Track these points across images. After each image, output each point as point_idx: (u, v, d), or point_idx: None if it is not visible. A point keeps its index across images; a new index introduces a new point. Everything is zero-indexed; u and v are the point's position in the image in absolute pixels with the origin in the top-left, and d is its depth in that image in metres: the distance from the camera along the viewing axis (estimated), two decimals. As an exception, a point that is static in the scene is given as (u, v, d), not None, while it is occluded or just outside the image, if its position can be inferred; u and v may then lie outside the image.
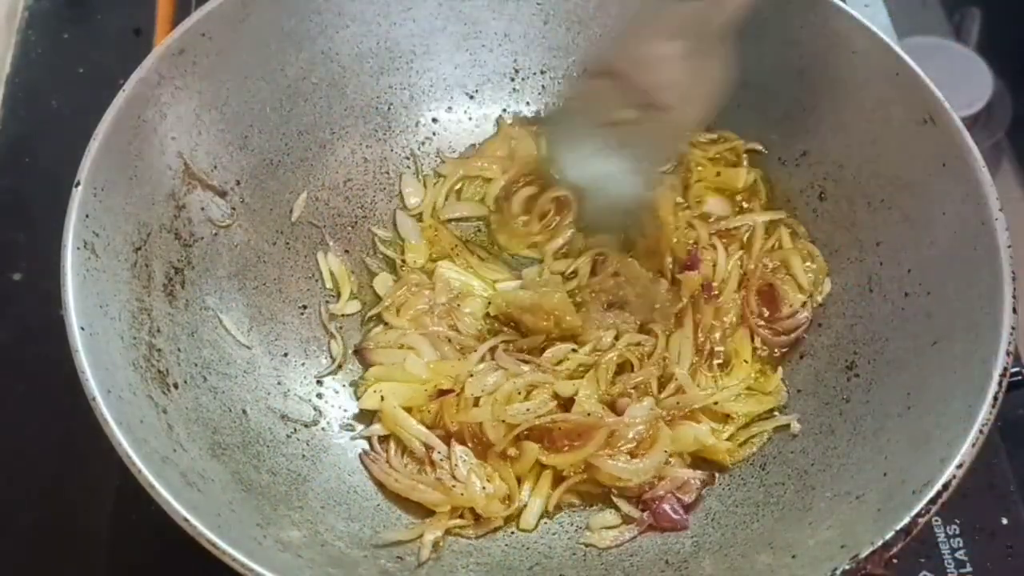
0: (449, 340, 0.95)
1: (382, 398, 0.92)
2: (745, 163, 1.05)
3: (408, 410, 0.92)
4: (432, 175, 1.08)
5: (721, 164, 1.05)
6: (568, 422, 0.89)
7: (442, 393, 0.91)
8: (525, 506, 0.88)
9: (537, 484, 0.89)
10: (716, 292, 0.98)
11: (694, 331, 0.96)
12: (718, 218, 1.03)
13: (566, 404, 0.92)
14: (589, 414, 0.89)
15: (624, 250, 1.02)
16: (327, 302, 1.00)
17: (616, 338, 0.96)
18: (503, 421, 0.89)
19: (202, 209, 0.93)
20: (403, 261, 1.03)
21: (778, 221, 1.02)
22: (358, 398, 0.94)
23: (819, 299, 0.97)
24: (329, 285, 1.00)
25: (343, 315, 0.99)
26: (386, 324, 0.98)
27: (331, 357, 0.97)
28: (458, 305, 0.98)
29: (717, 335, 0.97)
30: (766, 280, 0.99)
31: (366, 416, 0.93)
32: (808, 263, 0.99)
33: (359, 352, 0.96)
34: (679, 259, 0.99)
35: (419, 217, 1.06)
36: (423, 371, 0.93)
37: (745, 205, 1.04)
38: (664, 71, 0.93)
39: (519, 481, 0.89)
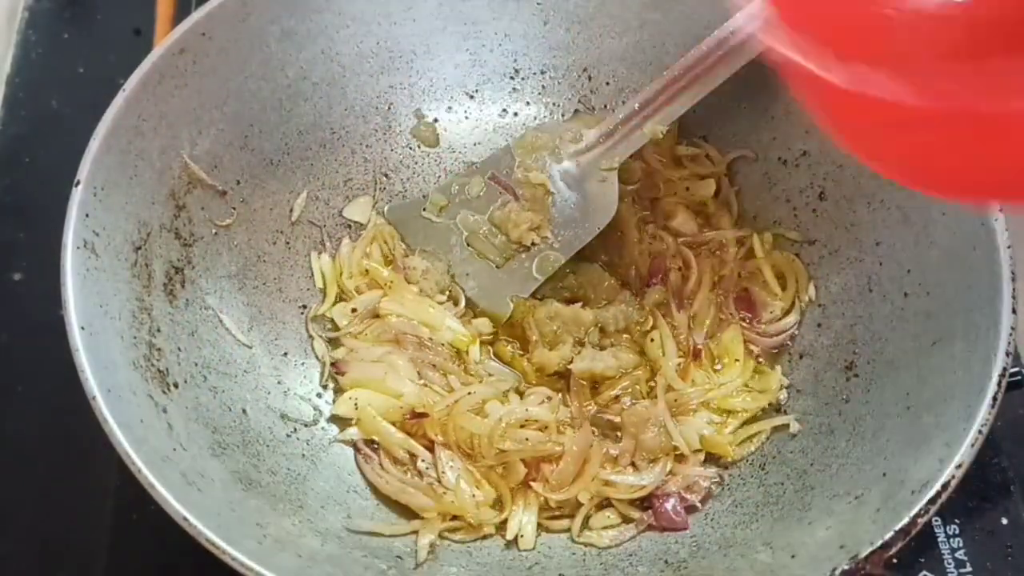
0: (434, 366, 0.94)
1: (356, 405, 0.91)
2: (725, 178, 1.05)
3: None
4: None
5: (692, 179, 1.06)
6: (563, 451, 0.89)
7: (416, 416, 0.91)
8: (521, 525, 0.87)
9: (528, 500, 0.88)
10: (689, 298, 0.98)
11: (673, 332, 0.96)
12: (686, 236, 1.03)
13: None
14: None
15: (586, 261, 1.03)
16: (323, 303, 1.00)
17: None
18: (498, 447, 0.88)
19: (202, 209, 0.93)
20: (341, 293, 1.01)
21: (751, 232, 1.03)
22: (333, 403, 0.94)
23: (803, 304, 0.98)
24: (320, 285, 1.00)
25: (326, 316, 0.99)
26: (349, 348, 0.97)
27: (318, 358, 0.96)
28: (430, 339, 0.96)
29: (700, 336, 0.97)
30: (741, 286, 1.00)
31: (350, 420, 0.93)
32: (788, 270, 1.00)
33: (335, 364, 0.95)
34: (642, 273, 1.00)
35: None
36: (403, 387, 0.92)
37: (712, 223, 1.04)
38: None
39: (511, 493, 0.89)
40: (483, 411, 0.91)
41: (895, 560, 0.72)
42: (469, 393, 0.92)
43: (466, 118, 1.10)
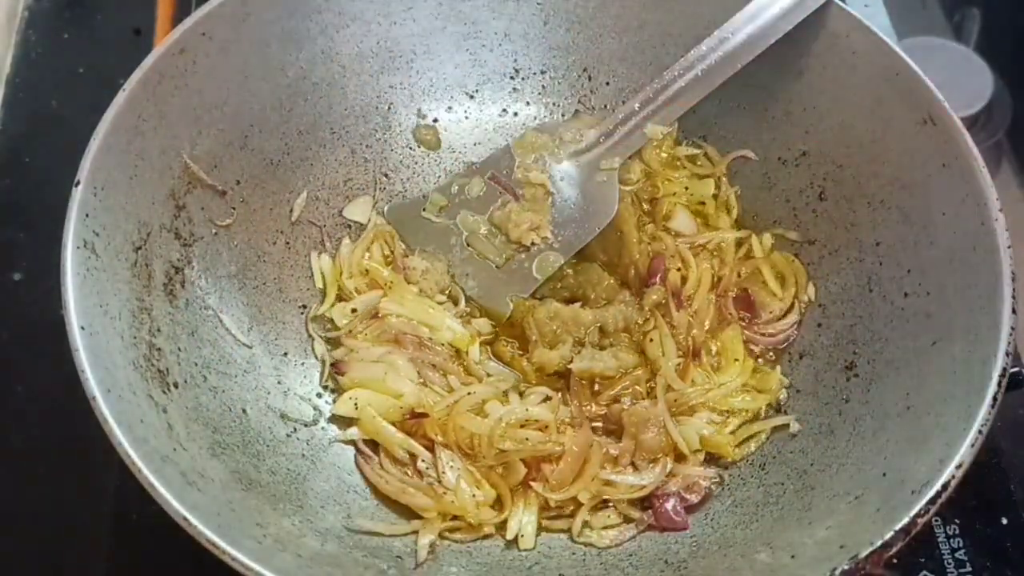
0: (434, 366, 0.94)
1: (356, 405, 0.91)
2: (724, 179, 1.05)
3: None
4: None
5: (691, 179, 1.06)
6: (563, 451, 0.89)
7: (416, 416, 0.91)
8: (521, 525, 0.87)
9: (528, 500, 0.88)
10: (688, 298, 0.98)
11: (672, 332, 0.96)
12: (685, 236, 1.03)
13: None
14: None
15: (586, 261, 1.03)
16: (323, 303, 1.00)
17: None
18: (498, 447, 0.88)
19: (202, 209, 0.93)
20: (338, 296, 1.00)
21: (749, 233, 1.03)
22: (334, 403, 0.94)
23: (802, 304, 0.98)
24: (320, 286, 1.00)
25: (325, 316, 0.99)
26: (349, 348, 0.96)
27: (318, 359, 0.96)
28: (430, 339, 0.96)
29: (700, 336, 0.97)
30: (741, 287, 1.00)
31: (350, 420, 0.93)
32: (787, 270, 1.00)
33: (335, 364, 0.95)
34: (641, 273, 1.00)
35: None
36: (403, 387, 0.92)
37: (711, 223, 1.04)
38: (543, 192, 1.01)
39: (511, 493, 0.89)
40: (483, 411, 0.91)
41: (895, 560, 0.72)
42: (469, 393, 0.92)
43: (466, 118, 1.10)
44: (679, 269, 1.00)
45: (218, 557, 0.68)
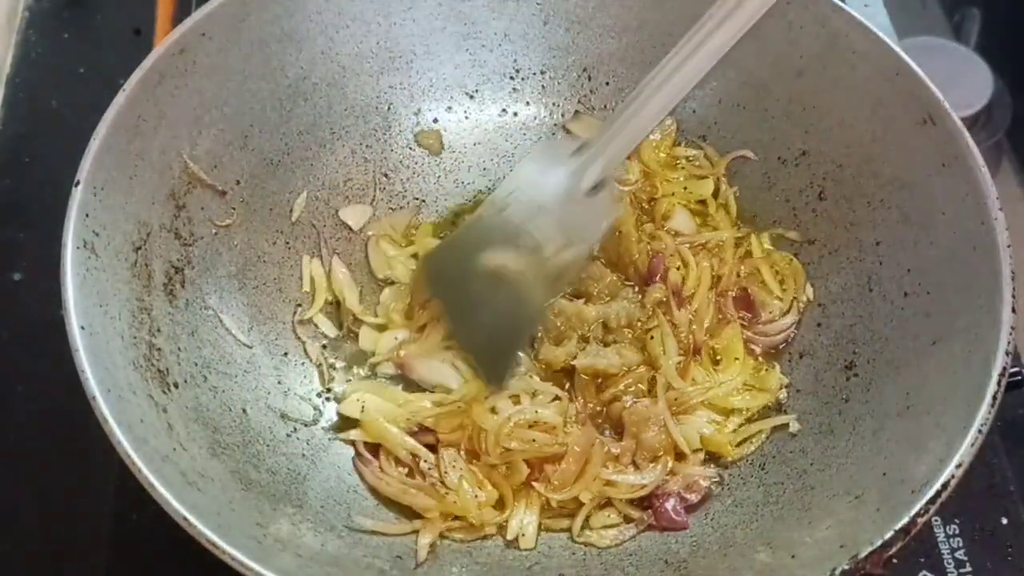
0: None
1: (363, 408, 0.91)
2: (723, 179, 1.05)
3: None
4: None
5: (690, 179, 1.06)
6: (566, 451, 0.89)
7: (424, 429, 0.90)
8: (522, 525, 0.87)
9: (530, 500, 0.88)
10: (688, 297, 0.98)
11: (673, 331, 0.96)
12: (685, 236, 1.03)
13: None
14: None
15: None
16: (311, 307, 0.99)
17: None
18: (503, 446, 0.88)
19: (202, 209, 0.93)
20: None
21: (748, 233, 1.03)
22: (339, 403, 0.93)
23: (801, 304, 0.98)
24: (307, 290, 0.99)
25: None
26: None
27: (312, 361, 0.96)
28: None
29: (700, 334, 0.97)
30: (740, 286, 1.00)
31: (351, 421, 0.93)
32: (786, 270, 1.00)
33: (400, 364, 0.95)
34: (641, 272, 1.00)
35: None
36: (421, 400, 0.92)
37: (711, 223, 1.04)
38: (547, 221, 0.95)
39: (513, 493, 0.88)
40: (493, 409, 0.91)
41: (895, 560, 0.72)
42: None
43: (466, 118, 1.10)
44: (679, 268, 1.00)
45: (218, 557, 0.68)
